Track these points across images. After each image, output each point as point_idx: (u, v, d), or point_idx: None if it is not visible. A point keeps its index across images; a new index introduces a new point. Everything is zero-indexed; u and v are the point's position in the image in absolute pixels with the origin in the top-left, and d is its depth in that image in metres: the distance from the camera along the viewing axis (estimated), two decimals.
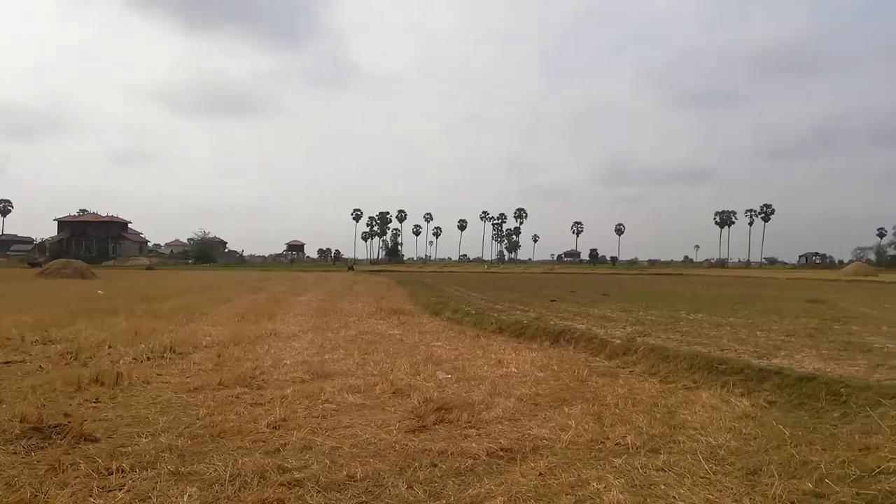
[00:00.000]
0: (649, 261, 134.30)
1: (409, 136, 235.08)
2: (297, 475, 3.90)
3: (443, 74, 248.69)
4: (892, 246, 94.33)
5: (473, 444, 4.54)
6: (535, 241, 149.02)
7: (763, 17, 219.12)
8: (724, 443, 4.53)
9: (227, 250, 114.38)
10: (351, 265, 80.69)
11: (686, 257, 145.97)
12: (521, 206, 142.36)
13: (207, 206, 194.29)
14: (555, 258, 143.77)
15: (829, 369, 6.72)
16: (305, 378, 6.97)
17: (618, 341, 8.93)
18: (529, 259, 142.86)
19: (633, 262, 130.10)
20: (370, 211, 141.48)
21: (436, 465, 4.13)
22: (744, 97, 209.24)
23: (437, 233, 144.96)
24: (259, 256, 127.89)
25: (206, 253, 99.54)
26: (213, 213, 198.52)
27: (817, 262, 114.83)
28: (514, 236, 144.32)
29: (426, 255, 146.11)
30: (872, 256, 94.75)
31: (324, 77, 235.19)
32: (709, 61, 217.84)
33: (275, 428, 4.99)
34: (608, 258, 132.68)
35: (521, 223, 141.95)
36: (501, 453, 4.38)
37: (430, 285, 28.51)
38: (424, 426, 5.04)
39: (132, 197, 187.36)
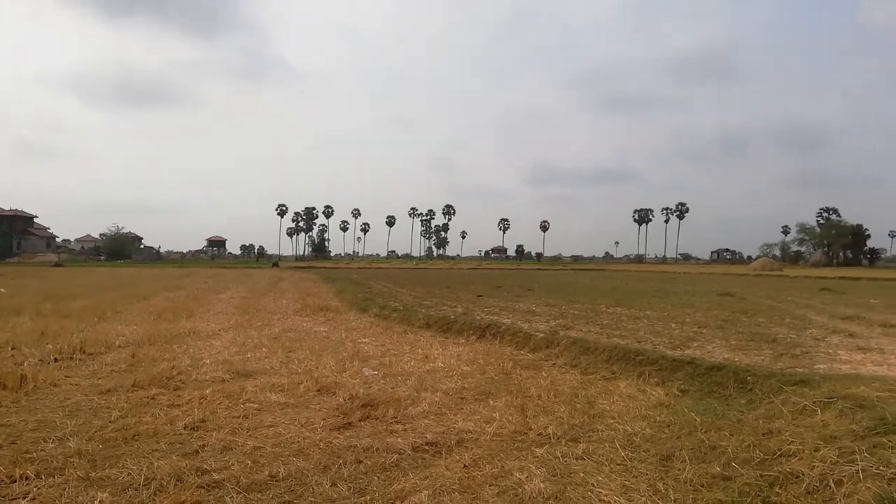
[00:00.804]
0: (573, 257, 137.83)
1: (337, 131, 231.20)
2: (216, 476, 3.79)
3: (372, 72, 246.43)
4: (795, 243, 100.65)
5: (399, 440, 4.54)
6: (464, 237, 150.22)
7: (681, 28, 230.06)
8: (640, 430, 4.73)
9: (142, 246, 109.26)
10: (275, 262, 78.65)
11: (607, 253, 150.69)
12: (450, 203, 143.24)
13: (122, 201, 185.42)
14: (482, 254, 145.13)
15: (737, 359, 7.11)
16: (226, 377, 6.78)
17: (541, 335, 9.14)
18: (458, 255, 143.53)
19: (557, 258, 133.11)
20: (296, 206, 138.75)
21: (361, 462, 4.11)
22: (663, 102, 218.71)
23: (365, 229, 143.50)
24: (178, 253, 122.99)
25: (120, 249, 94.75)
26: (128, 209, 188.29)
27: (728, 257, 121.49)
28: (442, 232, 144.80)
29: (354, 252, 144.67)
30: (778, 252, 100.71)
31: (247, 70, 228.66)
32: (631, 68, 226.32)
33: (193, 429, 4.84)
34: (534, 254, 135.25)
35: (449, 220, 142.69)
36: (427, 447, 4.40)
37: (357, 281, 28.23)
38: (350, 423, 5.00)
39: (40, 190, 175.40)
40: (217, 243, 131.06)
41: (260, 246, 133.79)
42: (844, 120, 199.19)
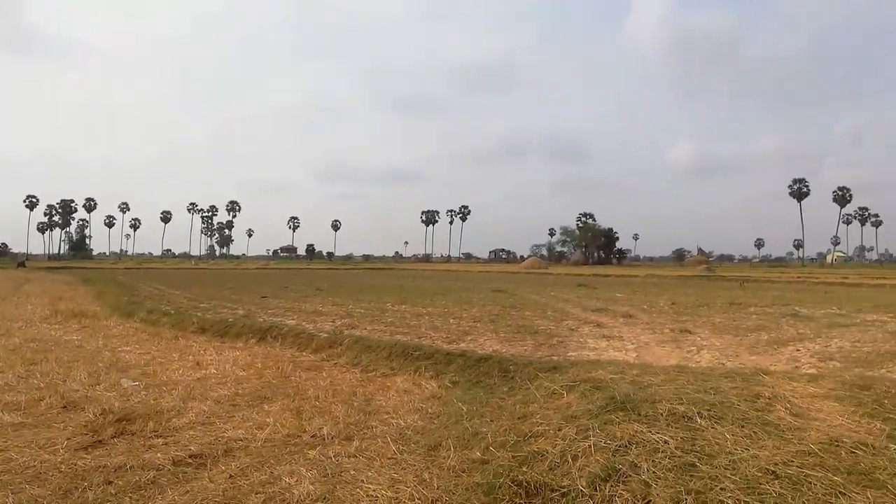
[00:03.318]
0: (364, 256, 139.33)
1: (103, 114, 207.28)
2: None
3: (148, 49, 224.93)
4: (559, 243, 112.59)
5: (158, 455, 4.18)
6: (250, 235, 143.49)
7: (471, 36, 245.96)
8: (412, 423, 4.90)
9: None
10: (22, 261, 68.10)
11: (397, 252, 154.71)
12: (235, 199, 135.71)
13: None
14: (271, 253, 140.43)
15: (503, 350, 7.74)
16: None
17: (325, 335, 9.07)
18: (243, 254, 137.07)
19: (349, 258, 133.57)
20: (50, 198, 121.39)
21: (110, 483, 3.70)
22: (451, 107, 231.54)
23: (136, 225, 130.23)
24: None
25: None
26: None
27: (503, 256, 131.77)
28: (226, 230, 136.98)
29: (121, 250, 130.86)
30: (545, 252, 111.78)
31: None
32: (423, 71, 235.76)
33: None
34: (325, 253, 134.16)
35: (234, 217, 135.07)
36: (190, 460, 4.11)
37: (123, 284, 25.55)
38: (100, 441, 4.49)
39: None
40: None
41: (2, 243, 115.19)
42: (603, 132, 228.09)
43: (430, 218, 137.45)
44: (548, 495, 3.13)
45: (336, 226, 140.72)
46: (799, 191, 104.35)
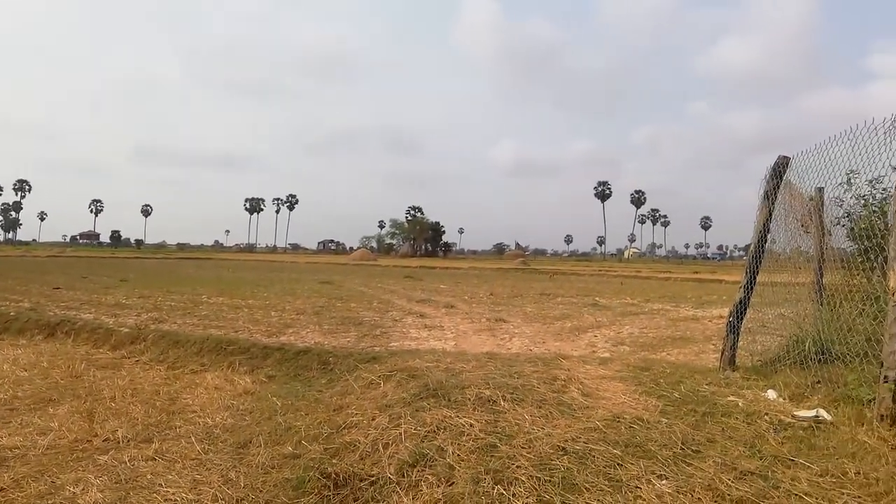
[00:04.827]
0: (179, 244, 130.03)
1: None
2: None
3: None
4: (389, 236, 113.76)
5: None
6: (43, 219, 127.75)
7: (309, 26, 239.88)
8: (221, 421, 4.67)
9: None
10: None
11: (217, 241, 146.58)
12: (24, 178, 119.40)
13: None
14: (68, 240, 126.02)
15: (326, 342, 7.64)
16: None
17: (126, 330, 8.32)
18: (34, 240, 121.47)
19: (161, 246, 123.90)
20: None
21: None
22: (283, 94, 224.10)
23: None
24: None
25: None
26: None
27: (332, 247, 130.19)
28: (12, 213, 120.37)
29: None
30: (375, 244, 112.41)
31: None
32: (257, 54, 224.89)
33: None
34: (133, 241, 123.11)
35: (22, 198, 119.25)
36: None
37: None
38: None
39: None
40: None
41: None
42: (433, 128, 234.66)
43: (254, 206, 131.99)
44: (356, 485, 3.14)
45: (147, 211, 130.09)
46: (602, 192, 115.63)
